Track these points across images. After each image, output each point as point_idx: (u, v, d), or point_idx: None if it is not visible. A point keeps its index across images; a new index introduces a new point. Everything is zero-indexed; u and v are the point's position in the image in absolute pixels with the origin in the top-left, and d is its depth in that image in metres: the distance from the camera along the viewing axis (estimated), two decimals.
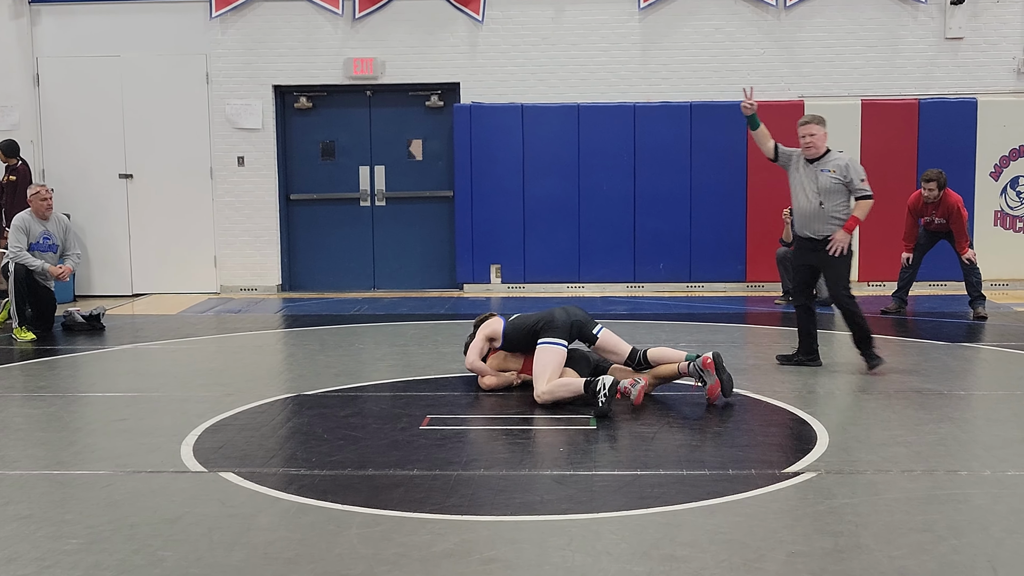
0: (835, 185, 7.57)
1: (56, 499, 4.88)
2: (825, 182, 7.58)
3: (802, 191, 7.67)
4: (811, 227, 7.65)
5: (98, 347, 9.09)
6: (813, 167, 7.66)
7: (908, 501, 4.67)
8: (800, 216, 7.72)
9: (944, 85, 12.30)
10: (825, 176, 7.59)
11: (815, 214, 7.61)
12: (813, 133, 7.59)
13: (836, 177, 7.58)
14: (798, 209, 7.71)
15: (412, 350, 8.72)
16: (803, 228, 7.71)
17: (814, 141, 7.62)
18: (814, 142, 7.62)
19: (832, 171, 7.59)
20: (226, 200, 12.74)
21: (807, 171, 7.67)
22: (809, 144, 7.62)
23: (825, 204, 7.57)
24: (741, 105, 7.82)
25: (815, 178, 7.62)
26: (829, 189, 7.57)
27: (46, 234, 9.84)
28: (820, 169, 7.63)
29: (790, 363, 7.85)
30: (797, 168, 7.73)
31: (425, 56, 12.49)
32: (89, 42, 12.62)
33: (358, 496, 4.80)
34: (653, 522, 4.44)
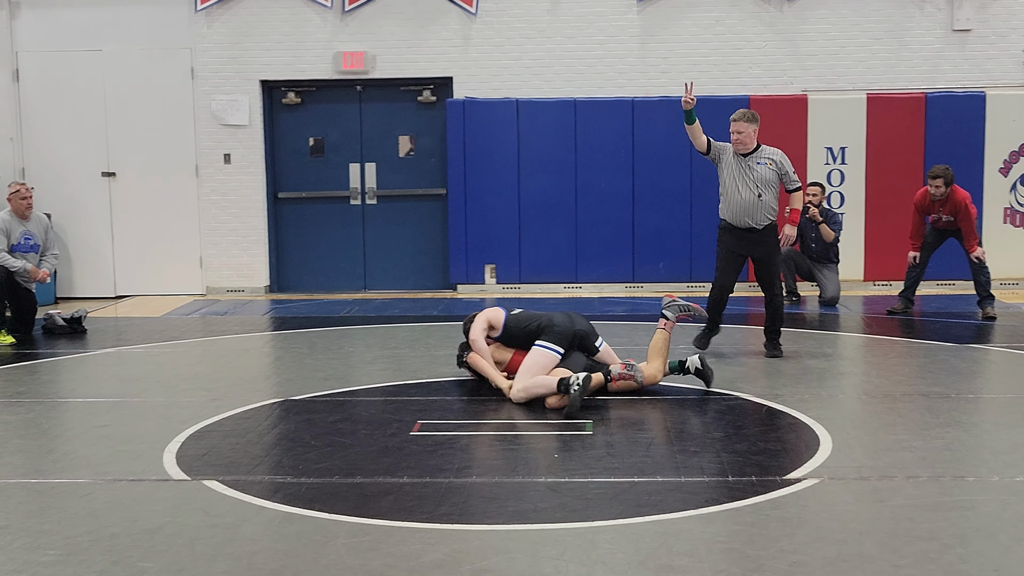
0: (772, 177, 7.99)
1: (34, 508, 4.84)
2: (764, 174, 7.96)
3: (740, 183, 7.98)
4: (752, 217, 7.96)
5: (80, 351, 8.94)
6: (748, 160, 8.01)
7: (913, 508, 4.60)
8: (738, 207, 7.99)
9: (951, 78, 12.12)
10: (763, 168, 7.97)
11: (755, 205, 7.94)
12: (741, 131, 7.94)
13: (773, 169, 7.99)
14: (735, 201, 7.99)
15: (404, 353, 8.58)
16: (742, 219, 7.99)
17: (742, 138, 7.96)
18: (742, 139, 7.96)
19: (769, 163, 8.00)
20: (212, 199, 12.54)
21: (741, 164, 8.00)
22: (738, 140, 7.97)
23: (764, 196, 7.94)
24: (682, 100, 7.99)
25: (752, 170, 7.97)
26: (767, 181, 7.95)
27: (27, 234, 9.67)
28: (756, 162, 8.00)
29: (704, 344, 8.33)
30: (730, 162, 8.03)
31: (417, 50, 12.31)
32: (70, 36, 12.37)
33: (346, 505, 4.75)
34: (650, 531, 4.36)
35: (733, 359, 8.12)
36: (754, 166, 7.99)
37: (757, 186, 7.92)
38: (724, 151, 8.10)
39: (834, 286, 10.92)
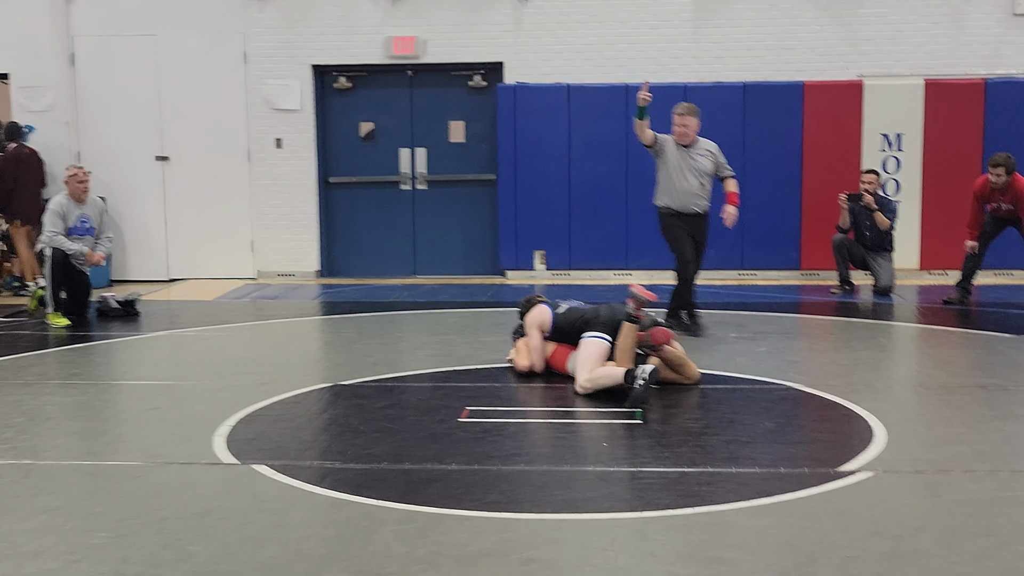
0: (711, 167, 8.66)
1: (86, 491, 4.86)
2: (703, 164, 8.62)
3: (685, 172, 8.58)
4: (695, 203, 8.60)
5: (132, 333, 9.02)
6: (688, 151, 8.62)
7: (970, 503, 4.50)
8: (684, 195, 8.57)
9: (1012, 63, 11.86)
10: (703, 159, 8.62)
11: (698, 192, 8.60)
12: (688, 124, 8.55)
13: (711, 160, 8.66)
14: (683, 189, 8.56)
15: (452, 339, 8.56)
16: (688, 205, 8.58)
17: (688, 131, 8.57)
18: (688, 131, 8.57)
19: (708, 154, 8.66)
20: (263, 183, 12.60)
21: (684, 155, 8.60)
22: (684, 132, 8.56)
23: (704, 184, 8.63)
24: (638, 95, 8.39)
25: (694, 160, 8.60)
26: (706, 170, 8.63)
27: (83, 217, 9.76)
28: (696, 153, 8.63)
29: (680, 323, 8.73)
30: (673, 153, 8.59)
31: (468, 34, 12.27)
32: (125, 21, 12.47)
33: (394, 491, 4.72)
34: (700, 522, 4.29)
35: (784, 349, 8.02)
36: (696, 157, 8.60)
37: (699, 175, 8.57)
38: (666, 143, 8.61)
39: (888, 275, 10.76)
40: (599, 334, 6.62)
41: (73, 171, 9.79)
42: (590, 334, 6.64)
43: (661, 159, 8.62)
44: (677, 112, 8.64)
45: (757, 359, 7.49)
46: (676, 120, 8.60)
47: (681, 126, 8.56)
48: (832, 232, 11.10)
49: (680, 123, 8.56)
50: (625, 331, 6.52)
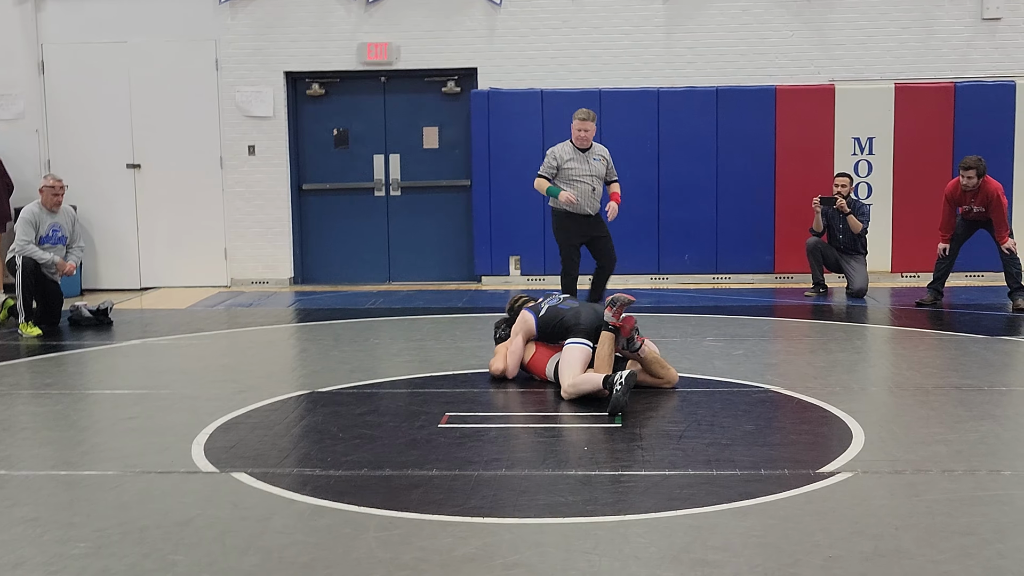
0: (603, 171, 9.23)
1: (63, 501, 4.82)
2: (598, 168, 9.18)
3: (582, 176, 9.11)
4: (591, 206, 9.18)
5: (106, 343, 8.94)
6: (585, 155, 9.15)
7: (950, 502, 4.53)
8: (582, 197, 9.10)
9: (981, 67, 11.96)
10: (597, 163, 9.19)
11: (594, 195, 9.18)
12: (589, 129, 9.08)
13: (604, 164, 9.24)
14: (580, 191, 9.10)
15: (429, 345, 8.54)
16: (581, 207, 9.12)
17: (588, 135, 9.11)
18: (588, 136, 9.11)
19: (602, 159, 9.23)
20: (236, 191, 12.53)
21: (581, 159, 9.13)
22: (585, 137, 9.09)
23: (597, 187, 9.17)
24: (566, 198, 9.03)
25: (590, 165, 9.14)
26: (600, 174, 9.19)
27: (55, 227, 9.69)
28: (592, 158, 9.17)
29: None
30: (570, 158, 9.12)
31: (441, 40, 12.26)
32: (95, 28, 12.36)
33: (375, 497, 4.70)
34: (683, 525, 4.32)
35: (761, 351, 8.05)
36: (591, 161, 9.15)
37: (594, 179, 9.13)
38: (562, 153, 9.16)
39: (862, 278, 10.82)
40: (582, 340, 6.60)
41: (51, 183, 9.70)
42: (573, 340, 6.62)
43: (561, 168, 9.13)
44: (579, 117, 9.10)
45: (735, 362, 7.52)
46: (579, 124, 9.09)
47: (584, 130, 9.07)
48: (806, 235, 11.16)
49: (583, 127, 9.07)
50: (603, 339, 6.53)
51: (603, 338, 6.52)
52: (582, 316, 6.73)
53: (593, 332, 6.64)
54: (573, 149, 9.16)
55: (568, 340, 6.65)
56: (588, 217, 9.20)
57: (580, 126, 9.07)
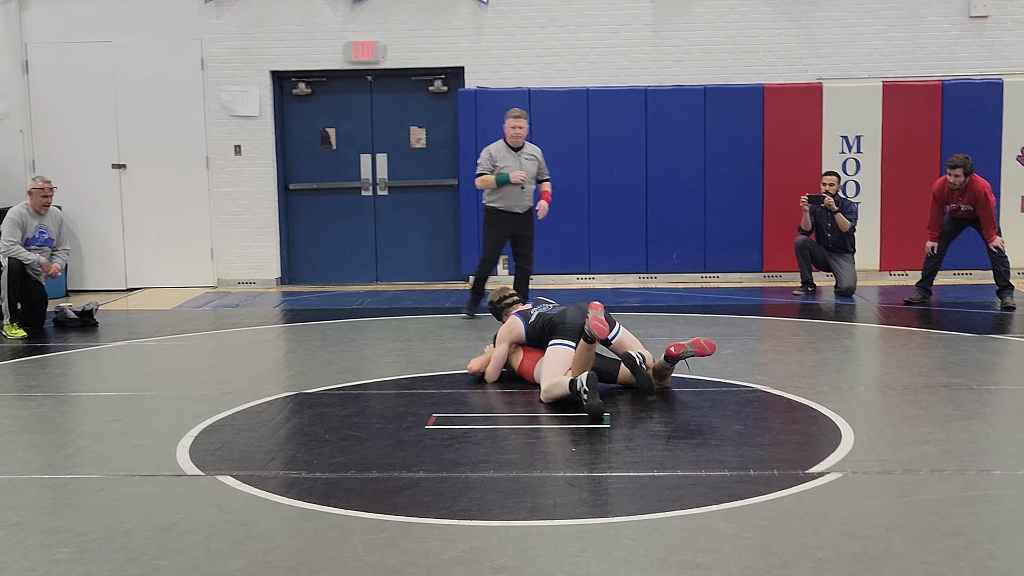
0: (535, 169, 9.54)
1: (46, 505, 4.79)
2: (530, 167, 9.48)
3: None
4: (520, 204, 9.49)
5: (91, 344, 8.90)
6: (518, 155, 9.46)
7: (940, 503, 4.52)
8: (511, 195, 9.45)
9: (969, 65, 11.97)
10: (529, 163, 9.48)
11: (523, 193, 9.47)
12: (523, 127, 9.41)
13: (536, 163, 9.54)
14: (511, 190, 9.43)
15: (417, 345, 8.51)
16: (512, 205, 9.46)
17: (522, 133, 9.44)
18: (522, 134, 9.45)
19: (533, 158, 9.53)
20: (223, 191, 12.47)
21: (513, 158, 9.44)
22: (519, 135, 9.41)
23: (528, 186, 9.47)
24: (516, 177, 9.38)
25: (521, 164, 9.43)
26: (531, 172, 9.50)
27: (42, 228, 9.65)
28: (524, 157, 9.48)
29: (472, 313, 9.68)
30: (504, 157, 9.43)
31: (428, 39, 12.22)
32: (80, 27, 12.30)
33: (362, 500, 4.68)
34: (671, 527, 4.29)
35: (749, 351, 8.04)
36: (523, 160, 9.46)
37: (525, 177, 9.42)
38: (497, 152, 9.48)
39: (850, 276, 10.82)
40: (564, 341, 6.56)
41: (40, 185, 9.65)
42: (555, 341, 6.58)
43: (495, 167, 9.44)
44: (512, 115, 9.45)
45: (723, 362, 7.48)
46: (512, 123, 9.42)
47: (517, 128, 9.39)
48: (794, 234, 11.15)
49: (516, 125, 9.40)
50: (580, 348, 6.45)
51: (580, 346, 6.45)
52: (568, 315, 6.69)
53: (577, 331, 6.60)
54: (506, 148, 9.50)
55: (552, 341, 6.61)
56: (518, 215, 9.53)
57: (514, 124, 9.40)
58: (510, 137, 9.47)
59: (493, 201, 9.54)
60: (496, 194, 9.50)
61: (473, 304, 9.73)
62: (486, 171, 9.48)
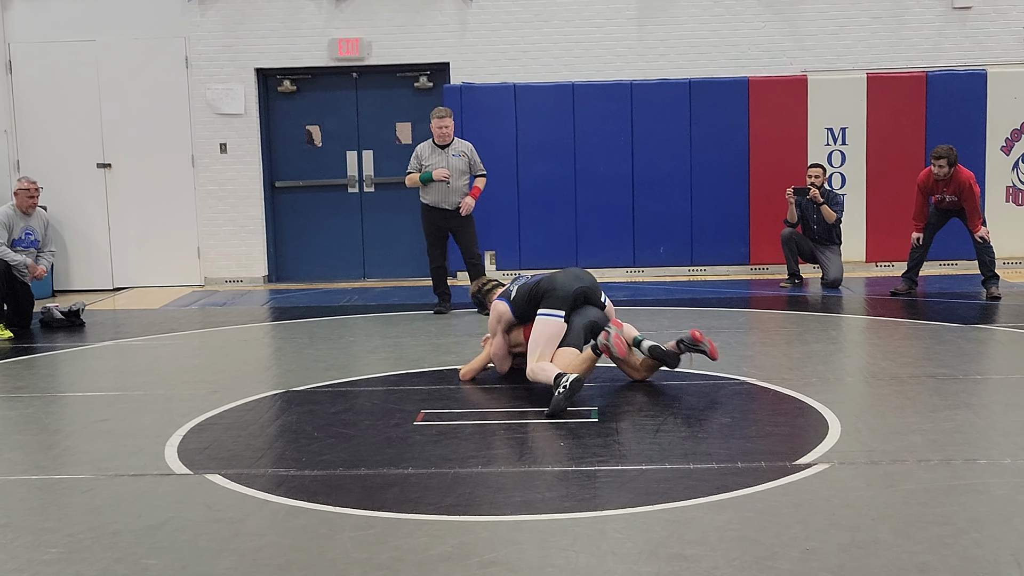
0: (464, 165, 9.68)
1: (34, 505, 4.77)
2: (456, 163, 9.63)
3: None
4: (448, 200, 9.65)
5: (78, 344, 8.86)
6: (445, 152, 9.66)
7: (926, 492, 4.53)
8: (439, 192, 9.64)
9: (952, 56, 12.03)
10: (456, 159, 9.64)
11: (451, 189, 9.62)
12: (447, 125, 9.60)
13: (466, 159, 9.70)
14: (438, 187, 9.62)
15: (405, 342, 8.50)
16: (440, 202, 9.65)
17: (447, 132, 9.63)
18: (447, 132, 9.64)
19: (463, 154, 9.68)
20: (209, 189, 12.45)
21: (441, 156, 9.63)
22: (445, 133, 9.61)
23: (456, 182, 9.61)
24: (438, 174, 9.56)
25: (448, 160, 9.60)
26: (460, 169, 9.64)
27: (28, 229, 9.61)
28: (452, 154, 9.66)
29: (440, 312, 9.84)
30: (430, 156, 9.65)
31: (413, 35, 12.21)
32: (63, 26, 12.26)
33: (350, 497, 4.66)
34: (660, 519, 4.29)
35: (736, 343, 8.05)
36: (450, 157, 9.63)
37: (454, 173, 9.58)
38: (423, 150, 9.71)
39: (836, 268, 10.85)
40: (551, 312, 6.39)
41: (25, 185, 9.60)
42: (544, 312, 6.41)
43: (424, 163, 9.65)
44: (437, 116, 9.61)
45: None
46: (436, 123, 9.59)
47: (443, 127, 9.58)
48: (780, 226, 11.17)
49: (441, 125, 9.58)
50: (586, 355, 6.36)
51: (587, 354, 6.35)
52: (557, 280, 6.48)
53: (569, 299, 6.43)
54: (433, 146, 9.70)
55: (540, 311, 6.43)
56: (448, 211, 9.69)
57: (439, 124, 9.59)
58: (436, 136, 9.66)
59: (425, 199, 9.75)
60: (425, 192, 9.70)
61: (442, 304, 9.94)
62: (413, 170, 9.72)
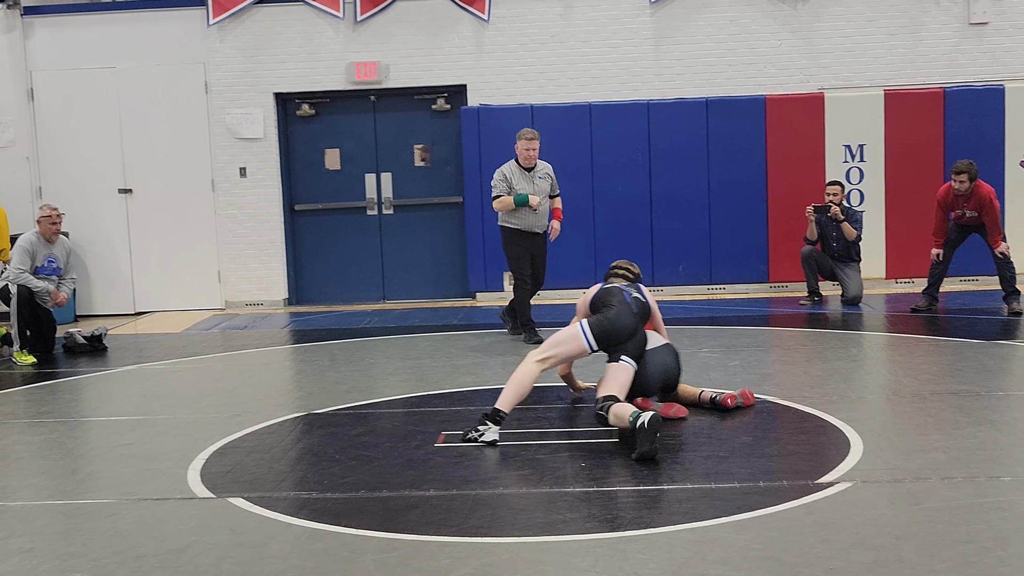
0: (547, 187, 9.39)
1: (59, 531, 4.80)
2: (542, 186, 9.35)
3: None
4: (538, 224, 9.38)
5: (100, 369, 8.92)
6: (530, 175, 9.32)
7: (950, 510, 4.51)
8: (529, 216, 9.30)
9: (970, 72, 11.99)
10: (542, 182, 9.35)
11: (538, 214, 9.32)
12: (535, 148, 9.27)
13: (549, 181, 9.41)
14: (526, 212, 9.27)
15: (425, 363, 8.52)
16: (533, 226, 9.34)
17: (534, 155, 9.30)
18: (535, 155, 9.30)
19: (547, 177, 9.40)
20: (229, 213, 12.52)
21: (528, 179, 9.30)
22: (531, 156, 9.27)
23: (543, 205, 9.34)
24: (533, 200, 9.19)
25: (534, 184, 9.29)
26: (544, 191, 9.37)
27: (51, 257, 9.68)
28: (538, 176, 9.35)
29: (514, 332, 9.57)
30: (519, 178, 9.27)
31: (430, 58, 12.27)
32: (84, 53, 12.38)
33: (372, 520, 4.68)
34: (682, 539, 4.29)
35: (757, 361, 8.03)
36: (536, 180, 9.32)
37: (540, 196, 9.30)
38: (512, 174, 9.29)
39: (856, 285, 10.82)
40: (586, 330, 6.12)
41: (48, 212, 9.68)
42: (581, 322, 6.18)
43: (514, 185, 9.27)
44: (526, 137, 9.30)
45: (731, 373, 7.49)
46: (525, 144, 9.27)
47: (531, 150, 9.25)
48: (799, 244, 11.15)
49: (529, 147, 9.25)
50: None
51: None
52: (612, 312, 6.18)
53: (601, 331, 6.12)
54: (519, 169, 9.34)
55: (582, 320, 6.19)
56: (535, 235, 9.42)
57: (527, 146, 9.26)
58: (523, 158, 9.30)
59: (510, 222, 9.35)
60: (513, 215, 9.31)
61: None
62: (503, 192, 9.26)
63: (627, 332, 6.11)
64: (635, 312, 6.23)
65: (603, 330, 6.10)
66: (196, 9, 12.30)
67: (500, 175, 9.33)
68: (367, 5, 12.19)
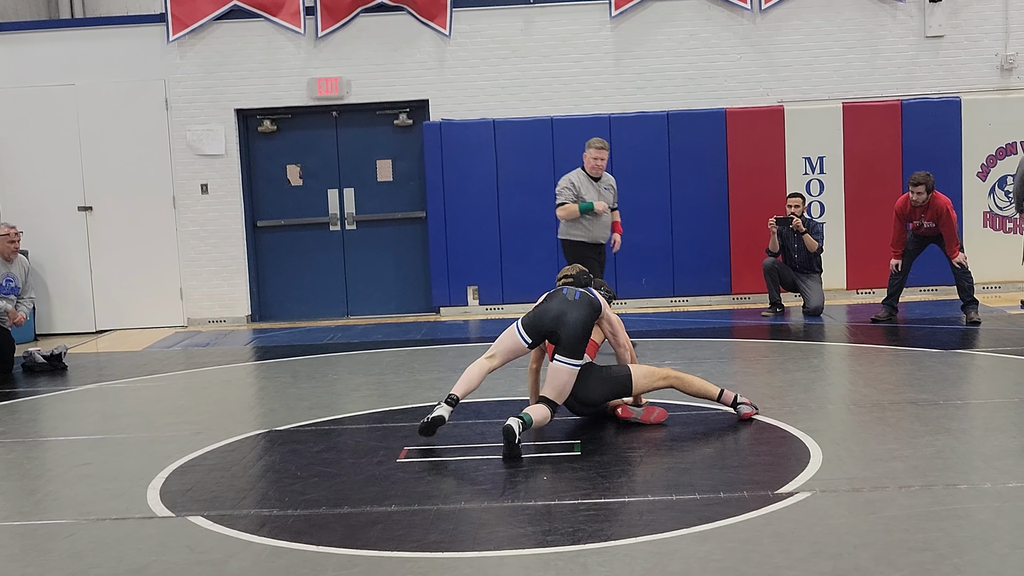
0: (611, 199, 9.24)
1: (15, 552, 4.74)
2: (607, 196, 9.20)
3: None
4: (602, 235, 9.17)
5: (60, 388, 8.81)
6: (597, 185, 9.15)
7: (907, 519, 4.54)
8: (597, 226, 9.08)
9: (926, 85, 12.15)
10: (607, 193, 9.21)
11: (602, 223, 9.13)
12: (604, 158, 9.10)
13: (611, 194, 9.27)
14: (596, 221, 9.06)
15: (388, 379, 8.50)
16: (597, 237, 9.11)
17: (603, 164, 9.14)
18: (603, 165, 9.15)
19: (610, 188, 9.27)
20: (190, 229, 12.46)
21: (595, 188, 9.12)
22: (600, 166, 9.10)
23: (606, 216, 9.13)
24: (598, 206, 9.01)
25: (600, 194, 9.13)
26: (608, 202, 9.20)
27: (8, 276, 9.59)
28: (603, 187, 9.19)
29: None
30: (587, 188, 9.07)
31: (392, 73, 12.28)
32: (42, 70, 12.30)
33: (334, 536, 4.65)
34: (642, 551, 4.30)
35: (719, 373, 8.07)
36: (602, 191, 9.17)
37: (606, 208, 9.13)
38: (579, 183, 9.08)
39: (818, 296, 10.90)
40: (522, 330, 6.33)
41: (5, 231, 9.60)
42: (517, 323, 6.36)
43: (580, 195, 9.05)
44: (596, 146, 9.08)
45: None
46: (595, 153, 9.07)
47: (600, 159, 9.06)
48: (761, 256, 11.22)
49: (599, 156, 9.06)
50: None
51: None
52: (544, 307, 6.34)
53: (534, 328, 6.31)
54: (587, 178, 9.12)
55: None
56: (600, 245, 9.18)
57: (596, 155, 9.05)
58: (591, 168, 9.09)
59: (574, 234, 9.06)
60: (579, 227, 9.03)
61: None
62: (568, 200, 9.00)
63: (551, 317, 6.23)
64: (571, 300, 6.33)
65: (530, 320, 6.35)
66: (156, 26, 12.26)
67: (567, 182, 9.10)
68: (328, 21, 12.19)
